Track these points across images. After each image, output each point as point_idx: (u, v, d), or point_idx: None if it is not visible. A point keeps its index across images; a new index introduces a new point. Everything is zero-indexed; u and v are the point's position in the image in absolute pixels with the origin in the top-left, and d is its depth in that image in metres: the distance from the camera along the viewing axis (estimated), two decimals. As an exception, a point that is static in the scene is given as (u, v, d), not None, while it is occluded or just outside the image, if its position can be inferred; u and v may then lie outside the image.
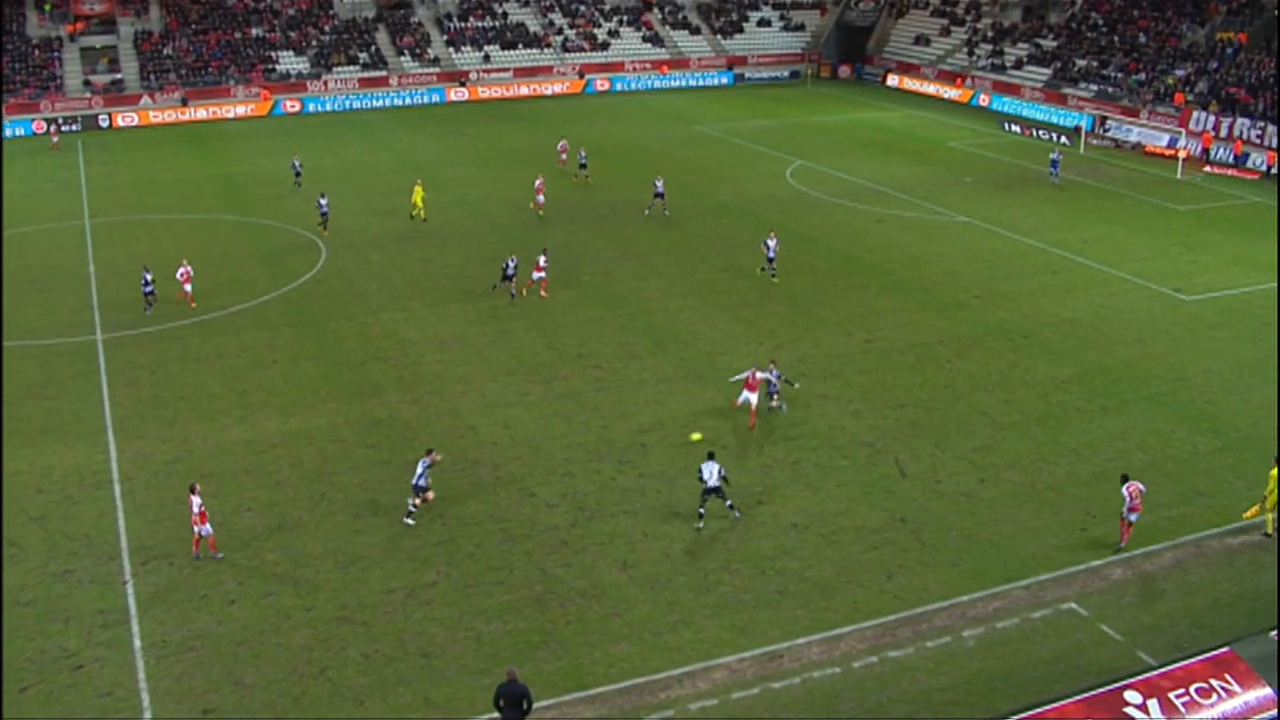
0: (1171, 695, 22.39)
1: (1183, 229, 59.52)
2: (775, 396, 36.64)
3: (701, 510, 30.66)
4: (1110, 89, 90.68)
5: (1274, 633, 23.66)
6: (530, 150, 77.00)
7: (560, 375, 40.06)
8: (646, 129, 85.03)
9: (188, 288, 46.70)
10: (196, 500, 29.09)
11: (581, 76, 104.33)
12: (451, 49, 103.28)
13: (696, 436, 34.64)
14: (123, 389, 38.91)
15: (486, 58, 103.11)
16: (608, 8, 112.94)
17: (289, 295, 48.05)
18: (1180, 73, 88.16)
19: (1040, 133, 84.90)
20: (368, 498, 32.15)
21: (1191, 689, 22.55)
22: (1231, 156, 77.43)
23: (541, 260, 47.17)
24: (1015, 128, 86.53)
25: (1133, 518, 29.49)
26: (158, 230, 58.09)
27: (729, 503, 30.80)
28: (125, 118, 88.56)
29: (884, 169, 71.30)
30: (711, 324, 44.85)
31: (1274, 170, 74.50)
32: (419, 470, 30.54)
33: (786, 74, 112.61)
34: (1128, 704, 22.16)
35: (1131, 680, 22.88)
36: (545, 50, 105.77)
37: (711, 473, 30.00)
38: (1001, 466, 33.95)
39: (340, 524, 30.88)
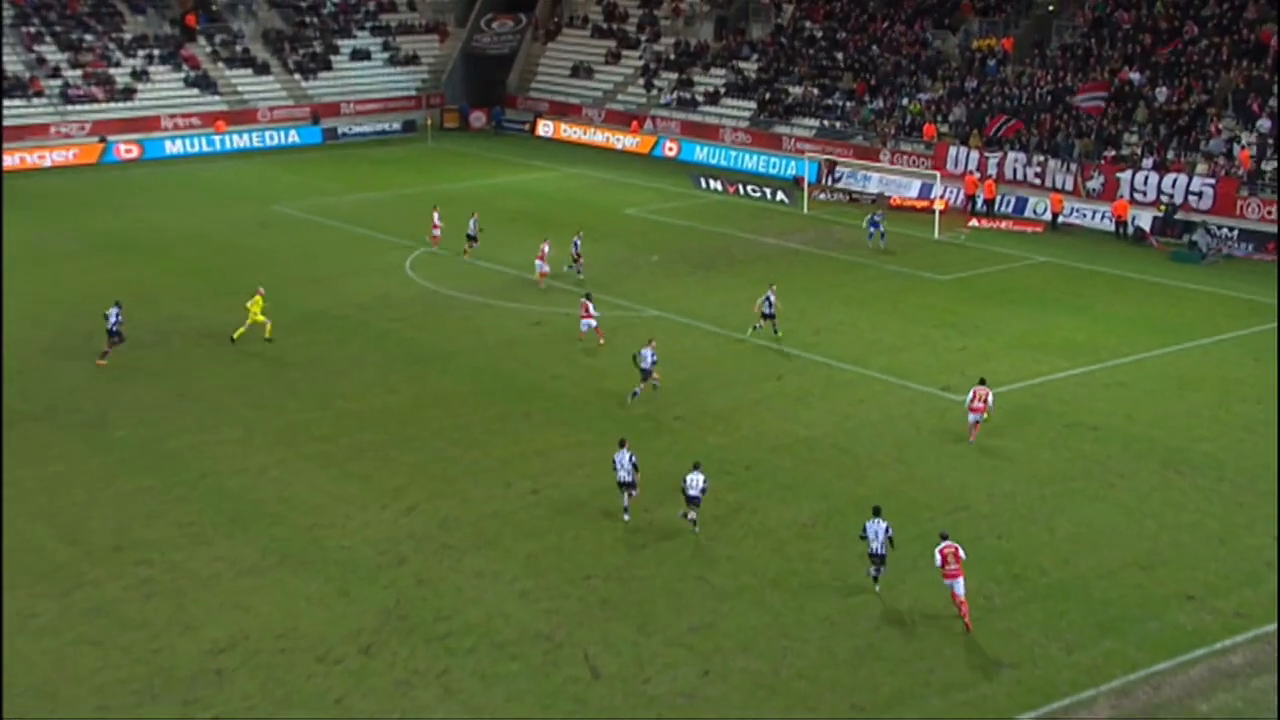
0: None
1: (947, 306, 62.68)
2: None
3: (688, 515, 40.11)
4: (837, 123, 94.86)
5: None
6: (22, 249, 74.75)
7: (87, 580, 38.59)
8: (201, 212, 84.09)
9: None
10: None
11: (100, 139, 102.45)
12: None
13: None
14: None
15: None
16: (129, 37, 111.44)
17: None
18: (927, 96, 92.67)
19: (750, 189, 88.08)
20: None
21: None
22: (1005, 204, 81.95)
23: (590, 308, 56.93)
24: (715, 183, 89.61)
25: (972, 418, 44.28)
26: None
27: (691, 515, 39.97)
28: None
29: (537, 251, 72.09)
30: (311, 485, 44.33)
31: (1060, 219, 78.93)
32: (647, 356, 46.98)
33: (397, 126, 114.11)
34: None
35: None
36: (35, 101, 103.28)
37: (695, 481, 39.75)
38: (731, 650, 34.36)
39: None
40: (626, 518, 41.27)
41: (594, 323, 56.92)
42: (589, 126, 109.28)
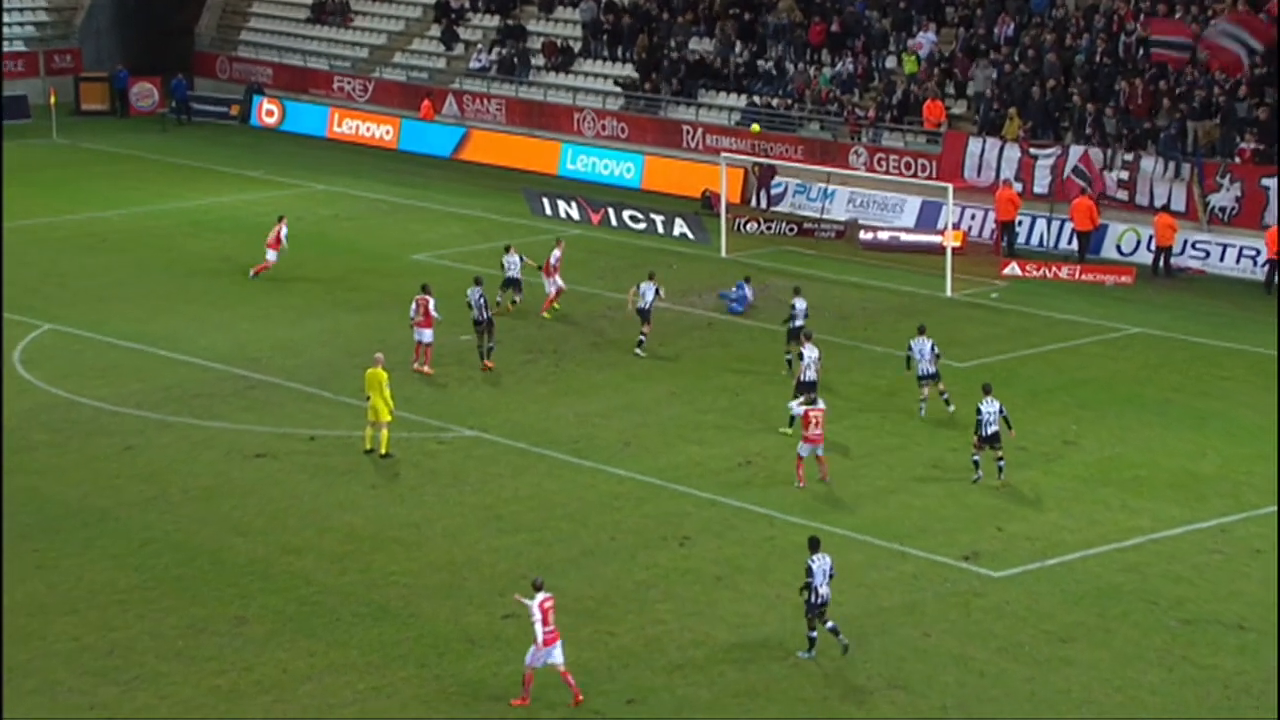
0: None
1: (972, 414, 58.92)
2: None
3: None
4: (774, 100, 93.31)
5: None
6: None
7: None
8: None
9: None
10: None
11: None
12: None
13: None
14: None
15: None
16: None
17: None
18: (927, 40, 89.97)
19: (629, 215, 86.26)
20: None
21: None
22: (1066, 236, 79.20)
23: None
24: (568, 207, 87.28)
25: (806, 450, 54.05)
26: None
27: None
28: None
29: (259, 326, 71.59)
30: None
31: (1167, 259, 76.37)
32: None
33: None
34: None
35: None
36: None
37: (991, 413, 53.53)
38: None
39: None
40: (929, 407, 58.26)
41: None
42: (351, 112, 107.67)
